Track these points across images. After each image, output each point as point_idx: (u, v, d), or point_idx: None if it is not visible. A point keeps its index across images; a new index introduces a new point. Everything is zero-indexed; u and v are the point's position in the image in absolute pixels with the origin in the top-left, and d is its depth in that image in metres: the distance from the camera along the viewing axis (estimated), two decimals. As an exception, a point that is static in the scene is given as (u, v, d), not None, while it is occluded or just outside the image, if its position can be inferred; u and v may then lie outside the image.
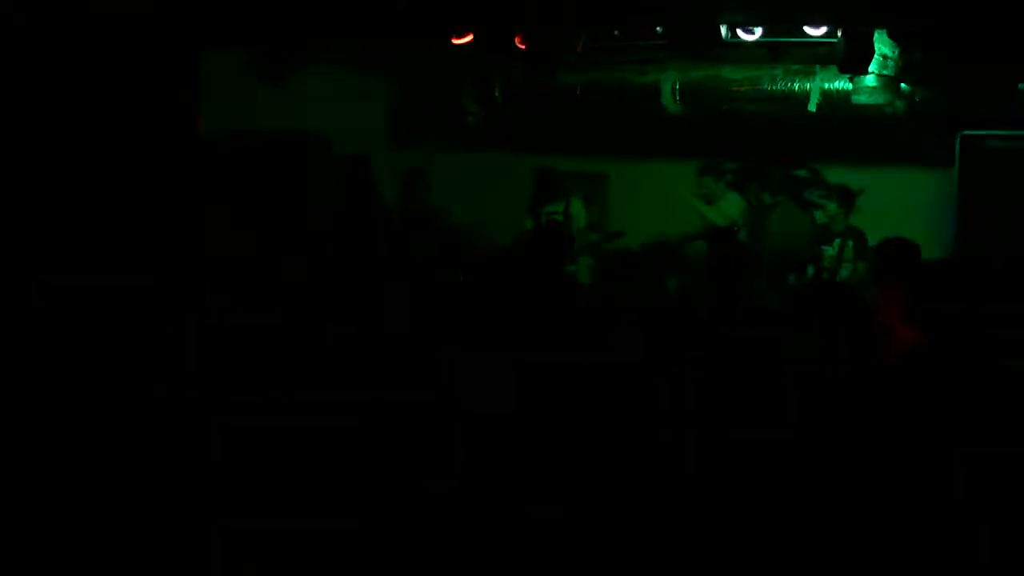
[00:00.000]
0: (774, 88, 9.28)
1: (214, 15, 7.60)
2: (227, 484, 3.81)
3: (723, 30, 8.10)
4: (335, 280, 6.54)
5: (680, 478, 3.23)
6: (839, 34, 7.79)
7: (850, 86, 8.77)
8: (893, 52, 7.98)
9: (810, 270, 8.36)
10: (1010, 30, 7.06)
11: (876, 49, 7.85)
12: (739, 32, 8.11)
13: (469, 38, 8.45)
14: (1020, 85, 7.85)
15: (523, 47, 8.37)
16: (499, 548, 3.09)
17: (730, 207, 9.32)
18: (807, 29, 7.93)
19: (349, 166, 9.88)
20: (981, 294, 4.93)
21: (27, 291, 5.04)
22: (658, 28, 8.26)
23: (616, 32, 8.56)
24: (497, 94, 10.61)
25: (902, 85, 8.29)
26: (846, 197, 8.99)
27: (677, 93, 9.65)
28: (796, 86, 9.15)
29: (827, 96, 9.01)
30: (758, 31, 8.14)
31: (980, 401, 4.02)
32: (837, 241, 8.53)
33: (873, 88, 8.33)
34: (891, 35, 7.80)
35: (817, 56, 8.88)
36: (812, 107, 9.12)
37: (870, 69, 7.96)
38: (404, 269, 7.71)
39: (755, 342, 4.78)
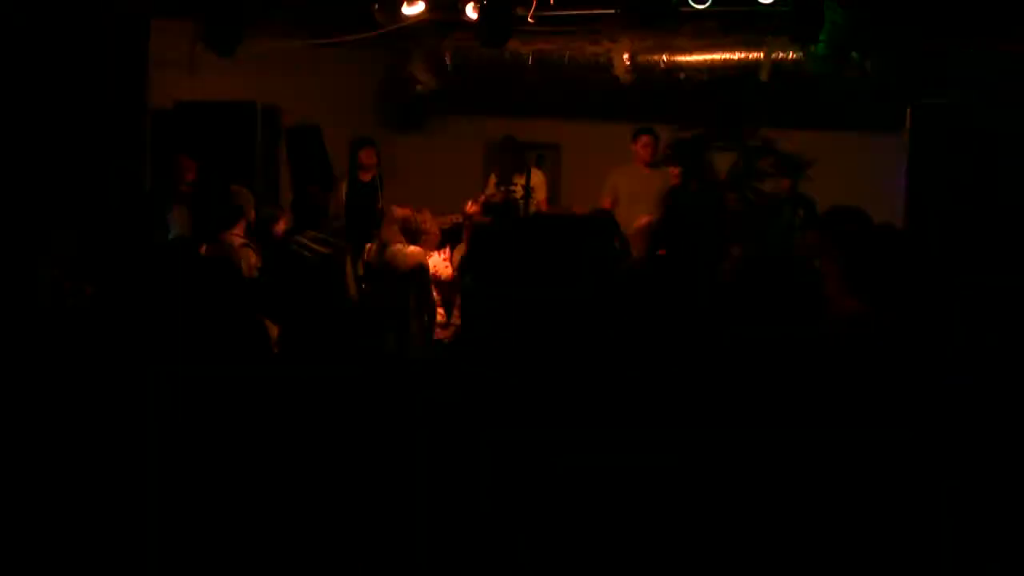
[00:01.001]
0: (726, 57, 9.28)
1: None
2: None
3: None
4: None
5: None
6: (790, 3, 7.79)
7: (801, 55, 8.80)
8: (843, 20, 7.98)
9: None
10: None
11: (826, 17, 7.86)
12: (690, 1, 8.08)
13: (420, 7, 8.37)
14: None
15: (474, 16, 8.31)
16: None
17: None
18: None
19: (299, 137, 9.80)
20: (926, 263, 4.96)
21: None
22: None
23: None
24: (448, 63, 10.55)
25: (852, 53, 8.30)
26: (795, 167, 8.98)
27: (629, 62, 9.64)
28: (747, 55, 9.16)
29: (778, 65, 9.02)
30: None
31: (921, 370, 4.04)
32: (787, 211, 8.49)
33: (824, 57, 8.32)
34: (841, 3, 7.81)
35: (769, 25, 8.88)
36: (763, 76, 9.13)
37: (820, 38, 7.96)
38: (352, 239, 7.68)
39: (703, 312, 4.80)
